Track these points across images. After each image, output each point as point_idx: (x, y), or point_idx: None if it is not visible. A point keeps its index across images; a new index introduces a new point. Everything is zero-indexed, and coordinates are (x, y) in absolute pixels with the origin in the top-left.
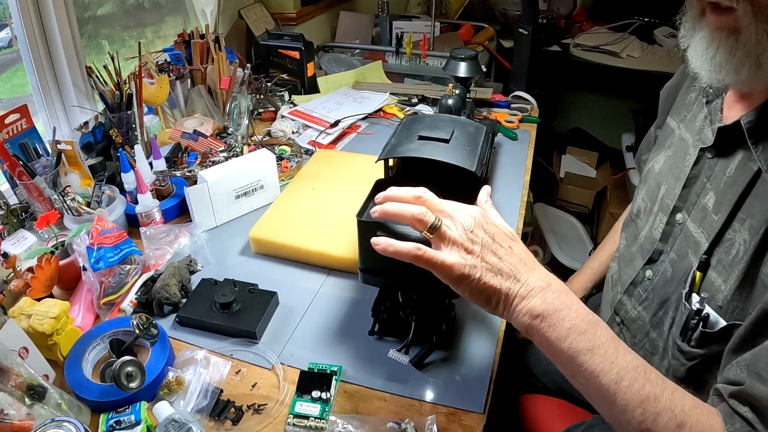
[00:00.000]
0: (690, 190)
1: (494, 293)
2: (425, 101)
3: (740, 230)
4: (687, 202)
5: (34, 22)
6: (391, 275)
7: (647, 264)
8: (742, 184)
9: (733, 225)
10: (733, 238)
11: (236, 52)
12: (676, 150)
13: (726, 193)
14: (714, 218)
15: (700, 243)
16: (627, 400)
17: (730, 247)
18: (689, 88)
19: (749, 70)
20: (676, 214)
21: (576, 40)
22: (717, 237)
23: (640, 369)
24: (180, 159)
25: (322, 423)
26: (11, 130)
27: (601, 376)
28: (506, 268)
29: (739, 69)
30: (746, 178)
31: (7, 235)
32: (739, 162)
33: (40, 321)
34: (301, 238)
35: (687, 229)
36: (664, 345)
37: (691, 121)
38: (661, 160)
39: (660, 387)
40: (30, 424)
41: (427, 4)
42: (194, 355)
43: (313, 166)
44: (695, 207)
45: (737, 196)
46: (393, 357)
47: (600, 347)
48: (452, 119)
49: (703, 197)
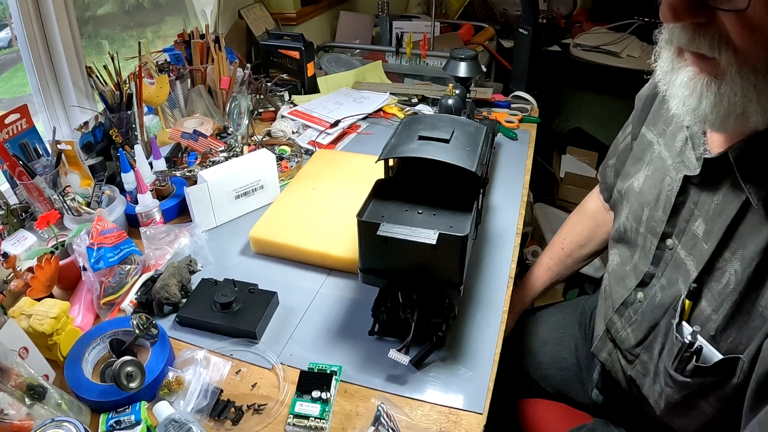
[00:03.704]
0: (678, 216)
1: None
2: (425, 101)
3: (731, 260)
4: (676, 228)
5: (34, 22)
6: (391, 275)
7: (639, 286)
8: (731, 214)
9: (724, 255)
10: (724, 268)
11: (236, 52)
12: (655, 170)
13: (715, 222)
14: (704, 246)
15: (690, 271)
16: None
17: (721, 276)
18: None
19: (734, 122)
20: (666, 240)
21: (576, 40)
22: (707, 266)
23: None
24: (180, 159)
25: (322, 423)
26: (11, 130)
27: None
28: None
29: (724, 121)
30: (734, 207)
31: (7, 235)
32: (726, 190)
33: (40, 321)
34: (301, 238)
35: (678, 255)
36: (655, 369)
37: (671, 140)
38: (641, 179)
39: None
40: (30, 424)
41: (427, 4)
42: (194, 355)
43: (313, 166)
44: (685, 233)
45: (726, 225)
46: (393, 357)
47: None
48: (452, 119)
49: (692, 224)
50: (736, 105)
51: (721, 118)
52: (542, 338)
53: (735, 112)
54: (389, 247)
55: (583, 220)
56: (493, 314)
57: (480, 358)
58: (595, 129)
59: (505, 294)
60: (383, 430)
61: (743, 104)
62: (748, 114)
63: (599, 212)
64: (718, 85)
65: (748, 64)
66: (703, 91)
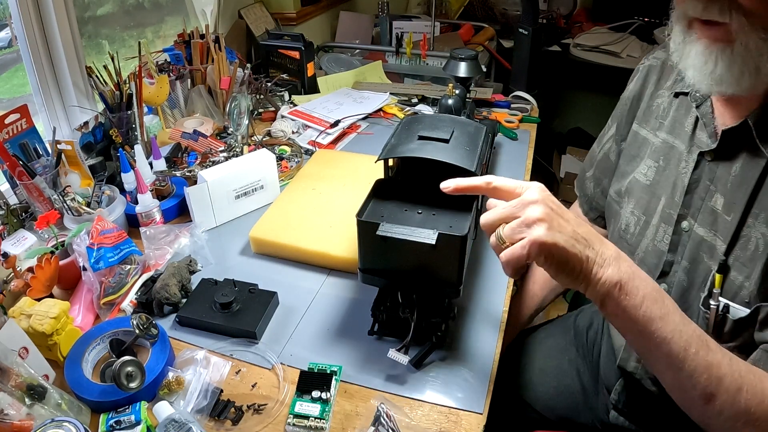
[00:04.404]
0: (693, 195)
1: (577, 262)
2: (425, 101)
3: (755, 225)
4: (691, 207)
5: (34, 22)
6: (390, 275)
7: (659, 278)
8: (752, 182)
9: (747, 222)
10: (749, 234)
11: (236, 52)
12: (667, 159)
13: (736, 193)
14: (726, 219)
15: (716, 246)
16: (695, 366)
17: (747, 243)
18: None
19: (749, 78)
20: (681, 222)
21: (576, 40)
22: (734, 237)
23: (703, 337)
24: (180, 159)
25: (322, 423)
26: (11, 130)
27: (672, 343)
28: (580, 236)
29: (740, 79)
30: (755, 174)
31: (7, 235)
32: (744, 161)
33: (40, 321)
34: (301, 238)
35: (696, 234)
36: None
37: (677, 127)
38: (646, 171)
39: (720, 353)
40: (30, 424)
41: (427, 4)
42: (194, 355)
43: (313, 166)
44: (701, 211)
45: (749, 194)
46: (393, 357)
47: (669, 315)
48: (452, 119)
49: (709, 200)
50: (750, 62)
51: (736, 76)
52: (539, 368)
53: (749, 69)
54: (389, 247)
55: None
56: (492, 314)
57: (480, 358)
58: (595, 129)
59: (504, 294)
60: (383, 430)
61: (756, 61)
62: (761, 68)
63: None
64: (731, 49)
65: (758, 24)
66: (718, 56)
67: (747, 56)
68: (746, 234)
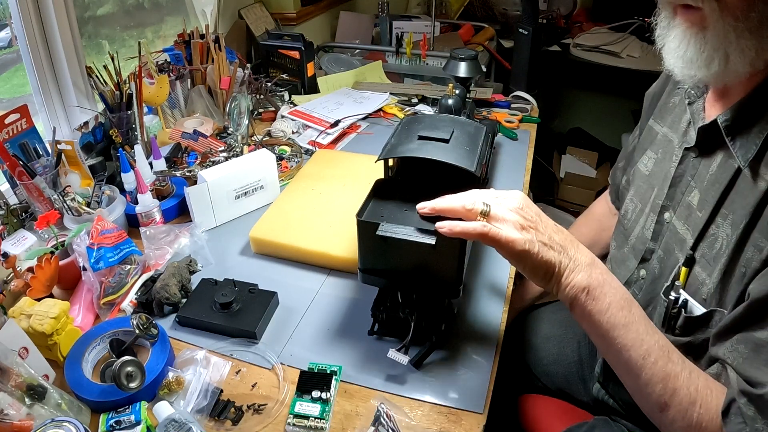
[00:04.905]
0: (676, 188)
1: (549, 267)
2: (425, 101)
3: (723, 225)
4: (673, 200)
5: (34, 22)
6: (390, 275)
7: (641, 263)
8: (724, 182)
9: (716, 221)
10: (716, 233)
11: (236, 52)
12: (664, 152)
13: (709, 191)
14: (698, 215)
15: (686, 240)
16: (652, 374)
17: (714, 242)
18: (671, 92)
19: (719, 64)
20: (663, 213)
21: (576, 40)
22: (701, 233)
23: (665, 348)
24: (180, 159)
25: (322, 423)
26: (11, 130)
27: (632, 350)
28: (556, 243)
29: (709, 64)
30: (727, 175)
31: (7, 235)
32: (721, 160)
33: (40, 321)
34: (301, 238)
35: (673, 226)
36: None
37: (676, 123)
38: (647, 162)
39: (680, 366)
40: (30, 424)
41: (427, 4)
42: (194, 355)
43: (313, 166)
44: (680, 205)
45: (719, 193)
46: (393, 357)
47: (634, 323)
48: (452, 119)
49: (688, 195)
50: (720, 48)
51: (706, 61)
52: (544, 335)
53: (719, 55)
54: (389, 247)
55: (589, 222)
56: (492, 314)
57: (480, 358)
58: (595, 129)
59: (504, 294)
60: (383, 430)
61: (726, 47)
62: (730, 56)
63: (605, 216)
64: (704, 34)
65: (728, 11)
66: (691, 39)
67: (717, 42)
68: (714, 233)
